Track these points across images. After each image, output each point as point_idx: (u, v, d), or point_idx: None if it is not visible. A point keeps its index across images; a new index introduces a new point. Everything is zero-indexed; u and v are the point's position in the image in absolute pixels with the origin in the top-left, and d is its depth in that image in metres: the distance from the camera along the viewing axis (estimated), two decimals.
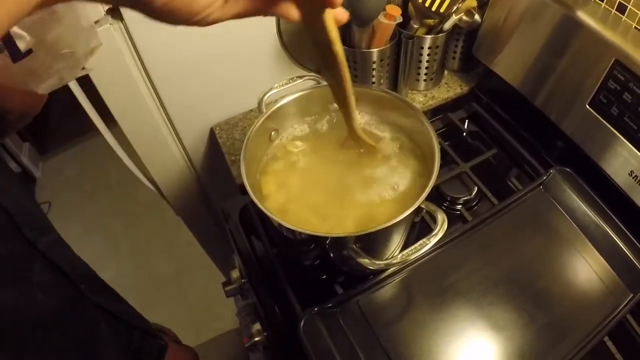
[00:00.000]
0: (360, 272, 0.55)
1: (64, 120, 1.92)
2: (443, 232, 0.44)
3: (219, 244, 1.04)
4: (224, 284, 0.69)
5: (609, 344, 0.53)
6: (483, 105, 0.77)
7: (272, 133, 0.60)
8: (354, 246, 0.45)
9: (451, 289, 0.54)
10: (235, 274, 0.69)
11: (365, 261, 0.43)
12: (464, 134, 0.75)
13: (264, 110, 0.58)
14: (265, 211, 0.47)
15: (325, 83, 0.61)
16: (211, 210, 0.94)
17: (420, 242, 0.43)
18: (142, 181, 0.85)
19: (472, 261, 0.56)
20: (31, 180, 1.90)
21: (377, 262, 0.43)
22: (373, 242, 0.48)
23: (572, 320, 0.53)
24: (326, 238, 0.48)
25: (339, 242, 0.46)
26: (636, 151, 0.54)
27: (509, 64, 0.70)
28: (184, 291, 1.53)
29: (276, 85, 0.61)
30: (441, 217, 0.45)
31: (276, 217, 0.46)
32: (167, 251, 1.64)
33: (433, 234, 0.43)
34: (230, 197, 0.72)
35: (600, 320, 0.52)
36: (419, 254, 0.43)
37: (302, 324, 0.52)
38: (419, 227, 0.64)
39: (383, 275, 0.55)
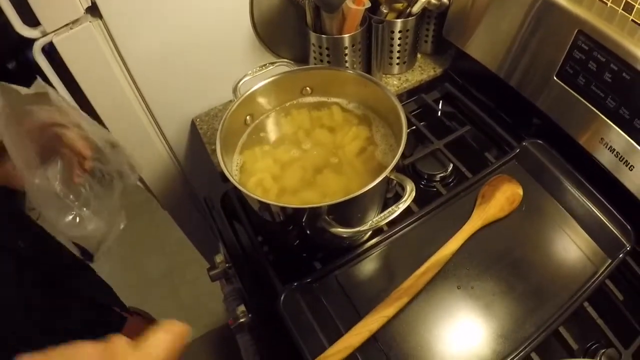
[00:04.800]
0: (336, 246, 0.57)
1: None
2: (411, 199, 0.45)
3: (206, 237, 1.05)
4: (209, 269, 0.70)
5: (589, 309, 0.54)
6: (457, 86, 0.79)
7: (247, 117, 0.62)
8: (327, 217, 0.46)
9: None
10: (219, 258, 0.70)
11: (338, 230, 0.45)
12: (439, 114, 0.76)
13: (239, 96, 0.59)
14: (240, 187, 0.49)
15: (296, 67, 0.63)
16: (196, 202, 0.95)
17: (389, 209, 0.45)
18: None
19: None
20: (20, 191, 1.89)
21: (348, 230, 0.45)
22: (346, 214, 0.50)
23: (552, 287, 0.54)
24: (301, 212, 0.49)
25: (313, 215, 0.48)
26: (605, 118, 0.56)
27: (480, 44, 0.72)
28: (176, 289, 1.54)
29: (250, 72, 0.62)
30: (410, 187, 0.46)
31: (252, 193, 0.48)
32: (158, 251, 1.65)
33: (401, 201, 0.45)
34: (212, 187, 0.73)
35: (579, 286, 0.54)
36: (388, 220, 0.44)
37: (282, 299, 0.53)
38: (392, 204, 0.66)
39: (360, 250, 0.57)
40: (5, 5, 0.58)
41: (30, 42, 0.63)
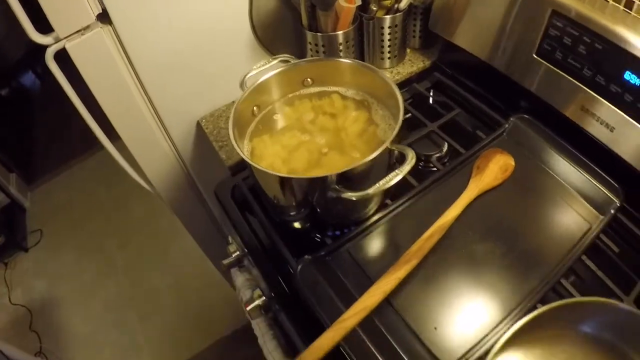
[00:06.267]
0: (345, 222, 0.60)
1: (48, 150, 1.95)
2: (411, 165, 0.49)
3: (213, 239, 1.08)
4: (223, 260, 0.73)
5: (588, 262, 0.57)
6: (446, 75, 0.84)
7: (254, 108, 0.66)
8: (337, 186, 0.50)
9: None
10: (232, 248, 0.73)
11: (348, 194, 0.49)
12: (430, 101, 0.81)
13: (246, 89, 0.64)
14: (256, 164, 0.53)
15: (297, 60, 0.67)
16: (205, 205, 0.99)
17: (393, 172, 0.49)
18: (136, 191, 0.90)
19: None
20: (21, 210, 1.91)
21: (357, 193, 0.49)
22: (354, 184, 0.53)
23: (550, 244, 0.58)
24: (314, 183, 0.53)
25: (323, 185, 0.51)
26: (583, 87, 0.61)
27: (465, 33, 0.77)
28: (181, 299, 1.56)
29: (255, 67, 0.67)
30: (410, 154, 0.50)
31: (268, 170, 0.52)
32: (162, 263, 1.67)
33: (404, 164, 0.49)
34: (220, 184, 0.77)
35: (576, 241, 0.57)
36: (392, 182, 0.48)
37: (298, 271, 0.56)
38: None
39: (368, 224, 0.61)
40: (20, 14, 0.62)
41: (28, 61, 0.67)
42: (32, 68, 2.48)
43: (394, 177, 0.49)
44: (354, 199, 0.49)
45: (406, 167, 0.49)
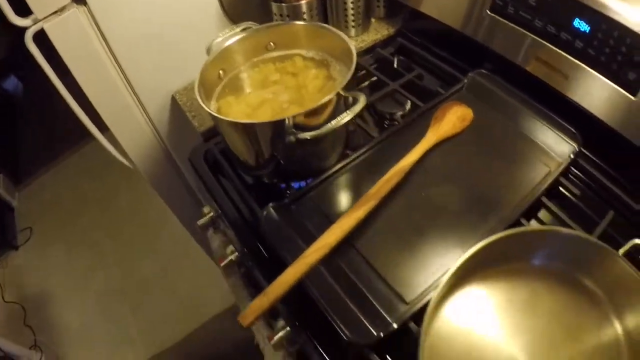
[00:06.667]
0: (309, 171, 0.63)
1: (34, 149, 1.97)
2: (362, 106, 0.52)
3: (195, 215, 1.10)
4: (197, 222, 0.76)
5: (549, 204, 0.59)
6: (410, 41, 0.87)
7: (220, 72, 0.69)
8: (294, 130, 0.53)
9: None
10: (206, 209, 0.76)
11: (303, 135, 0.52)
12: (395, 64, 0.84)
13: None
14: (219, 115, 0.55)
15: (259, 26, 0.70)
16: (182, 177, 1.01)
17: (343, 114, 0.52)
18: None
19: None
20: (9, 209, 1.93)
21: (311, 132, 0.51)
22: (310, 128, 0.56)
23: (510, 188, 0.60)
24: (273, 126, 0.55)
25: (282, 130, 0.54)
26: (535, 37, 0.64)
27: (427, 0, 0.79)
28: (172, 285, 1.58)
29: (220, 34, 0.70)
30: (361, 97, 0.54)
31: (231, 118, 0.55)
32: (151, 251, 1.69)
33: (355, 106, 0.52)
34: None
35: (534, 185, 0.59)
36: (344, 121, 0.51)
37: (263, 217, 0.59)
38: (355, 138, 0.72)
39: (330, 173, 0.63)
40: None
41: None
42: (14, 71, 2.51)
43: (345, 117, 0.52)
44: (308, 137, 0.52)
45: (356, 108, 0.52)
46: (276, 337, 0.61)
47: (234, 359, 1.29)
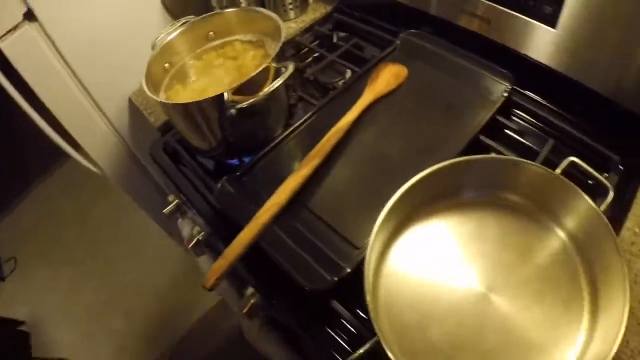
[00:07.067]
0: (257, 142, 0.67)
1: (7, 178, 1.99)
2: (290, 72, 0.57)
3: (159, 207, 1.13)
4: (164, 210, 0.79)
5: (488, 141, 0.63)
6: (348, 15, 0.91)
7: (166, 65, 0.72)
8: (232, 103, 0.57)
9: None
10: (171, 198, 0.79)
11: (240, 105, 0.56)
12: (335, 39, 0.88)
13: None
14: (166, 100, 0.60)
15: (195, 19, 0.74)
16: (148, 175, 1.04)
17: (275, 81, 0.56)
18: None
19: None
20: None
21: (247, 101, 0.55)
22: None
23: (448, 133, 0.64)
24: (214, 101, 0.59)
25: (222, 106, 0.58)
26: None
27: None
28: (159, 289, 1.62)
29: (163, 31, 0.73)
30: (291, 65, 0.58)
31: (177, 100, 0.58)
32: (134, 259, 1.73)
33: (283, 74, 0.56)
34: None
35: (472, 126, 0.63)
36: (273, 87, 0.56)
37: (217, 191, 0.63)
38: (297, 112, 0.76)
39: (276, 142, 0.67)
40: None
41: None
42: None
43: (276, 83, 0.56)
44: (245, 105, 0.56)
45: (286, 74, 0.56)
46: (248, 305, 0.65)
47: (228, 351, 1.32)
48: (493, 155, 0.55)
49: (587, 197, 0.49)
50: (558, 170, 0.53)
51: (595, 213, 0.48)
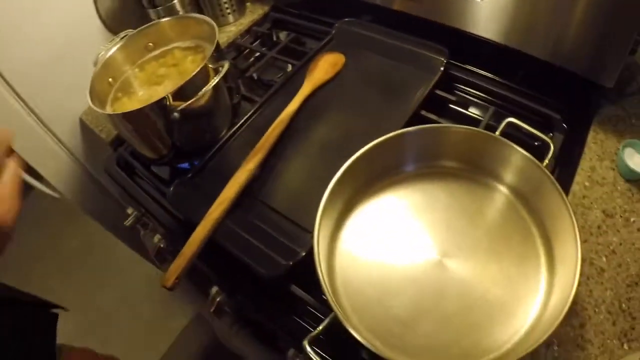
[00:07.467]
0: (204, 143, 0.69)
1: None
2: (225, 70, 0.59)
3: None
4: (124, 222, 0.80)
5: (430, 115, 0.66)
6: (285, 12, 0.94)
7: (110, 79, 0.73)
8: (172, 106, 0.59)
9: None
10: (129, 210, 0.80)
11: (181, 106, 0.58)
12: (274, 38, 0.91)
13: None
14: (113, 112, 0.60)
15: (132, 32, 0.75)
16: (107, 193, 1.04)
17: (211, 80, 0.58)
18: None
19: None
20: None
21: (187, 102, 0.57)
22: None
23: (390, 111, 0.67)
24: (155, 106, 0.61)
25: (164, 110, 0.60)
26: None
27: None
28: (136, 311, 1.62)
29: (102, 47, 0.74)
30: (226, 63, 0.60)
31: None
32: (108, 283, 1.72)
33: (219, 73, 0.58)
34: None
35: (413, 102, 0.66)
36: (212, 84, 0.58)
37: (170, 194, 0.64)
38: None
39: (223, 141, 0.69)
40: None
41: None
42: None
43: (213, 81, 0.58)
44: (185, 107, 0.57)
45: (222, 72, 0.59)
46: (214, 304, 0.66)
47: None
48: (425, 125, 0.57)
49: (521, 150, 0.50)
50: (497, 132, 0.55)
51: (535, 165, 0.50)
